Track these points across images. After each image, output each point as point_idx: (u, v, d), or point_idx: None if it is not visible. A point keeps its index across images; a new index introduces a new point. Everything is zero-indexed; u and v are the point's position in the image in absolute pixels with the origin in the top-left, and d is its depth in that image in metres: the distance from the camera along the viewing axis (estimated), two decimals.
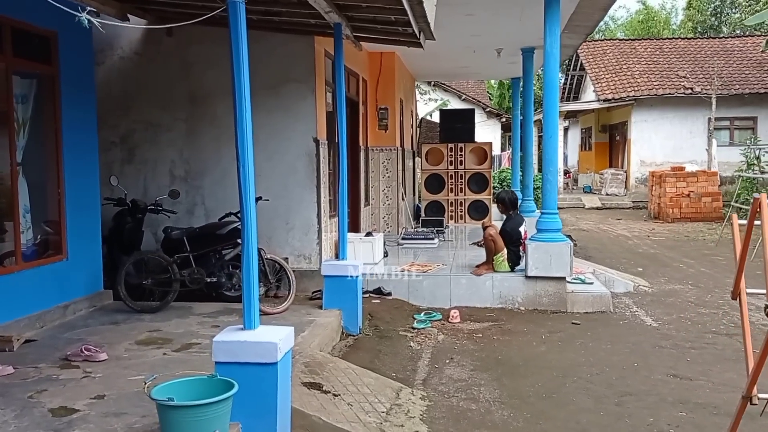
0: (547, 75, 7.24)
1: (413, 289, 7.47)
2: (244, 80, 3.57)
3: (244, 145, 3.55)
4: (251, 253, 3.54)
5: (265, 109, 7.63)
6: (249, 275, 3.54)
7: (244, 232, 3.57)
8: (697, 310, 7.26)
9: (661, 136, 21.59)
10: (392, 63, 10.95)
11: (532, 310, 7.22)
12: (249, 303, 3.54)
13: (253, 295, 3.55)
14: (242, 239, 3.58)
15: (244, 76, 3.57)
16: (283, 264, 6.44)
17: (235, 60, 3.55)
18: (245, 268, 3.55)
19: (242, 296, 3.58)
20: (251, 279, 3.54)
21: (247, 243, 3.54)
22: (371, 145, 10.94)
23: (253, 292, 3.55)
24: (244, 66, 3.57)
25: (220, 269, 6.94)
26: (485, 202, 13.13)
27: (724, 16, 40.48)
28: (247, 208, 3.54)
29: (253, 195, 3.61)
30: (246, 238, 3.55)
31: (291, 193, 7.70)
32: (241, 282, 3.59)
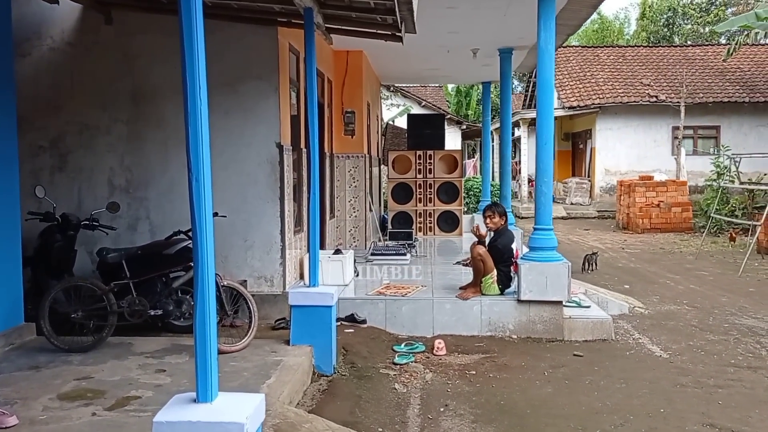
0: (542, 74, 6.46)
1: (391, 315, 6.57)
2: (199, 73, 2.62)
3: (198, 153, 2.62)
4: (206, 297, 2.58)
5: (222, 110, 6.67)
6: (204, 328, 2.58)
7: (198, 264, 2.62)
8: (705, 337, 6.56)
9: (626, 145, 21.26)
10: (359, 62, 10.07)
11: (525, 338, 6.40)
12: (205, 366, 2.58)
13: (210, 355, 2.59)
14: (196, 274, 2.63)
15: (199, 67, 2.62)
16: (243, 292, 5.46)
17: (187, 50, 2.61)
18: (199, 317, 2.59)
19: (195, 353, 2.62)
20: (207, 334, 2.59)
21: (202, 282, 2.59)
22: (337, 152, 10.03)
23: (210, 349, 2.60)
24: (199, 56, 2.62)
25: (168, 296, 5.93)
26: (455, 213, 12.36)
27: (677, 27, 41.06)
28: (201, 231, 2.59)
29: (210, 215, 2.66)
30: (200, 272, 2.60)
31: (250, 206, 6.73)
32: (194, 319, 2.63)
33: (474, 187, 18.98)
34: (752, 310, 7.74)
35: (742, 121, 20.78)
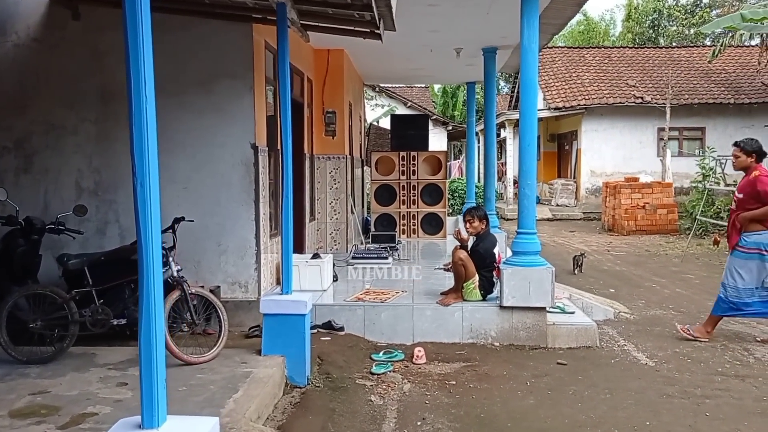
0: (525, 73, 6.27)
1: (369, 322, 6.36)
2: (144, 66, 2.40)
3: (144, 155, 2.39)
4: (152, 313, 2.36)
5: (195, 110, 6.44)
6: (150, 347, 2.36)
7: (143, 279, 2.40)
8: (692, 343, 6.39)
9: (612, 146, 21.18)
10: (340, 61, 9.85)
11: (507, 345, 6.21)
12: (150, 389, 2.35)
13: (157, 377, 2.37)
14: (141, 289, 2.41)
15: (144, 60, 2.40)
16: (212, 299, 5.22)
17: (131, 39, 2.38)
18: (144, 336, 2.37)
19: (140, 375, 2.39)
20: (153, 354, 2.36)
21: (148, 298, 2.36)
22: (317, 153, 9.80)
23: (156, 370, 2.37)
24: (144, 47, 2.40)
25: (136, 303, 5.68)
26: (439, 215, 12.16)
27: (662, 29, 41.22)
28: (147, 243, 2.37)
29: (156, 227, 2.43)
30: (146, 288, 2.37)
31: (224, 209, 6.49)
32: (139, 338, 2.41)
33: (459, 188, 18.82)
34: None
35: (727, 122, 20.75)
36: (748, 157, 6.25)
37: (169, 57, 6.39)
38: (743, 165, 6.29)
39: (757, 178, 6.14)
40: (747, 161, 6.26)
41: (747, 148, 6.26)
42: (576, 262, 10.64)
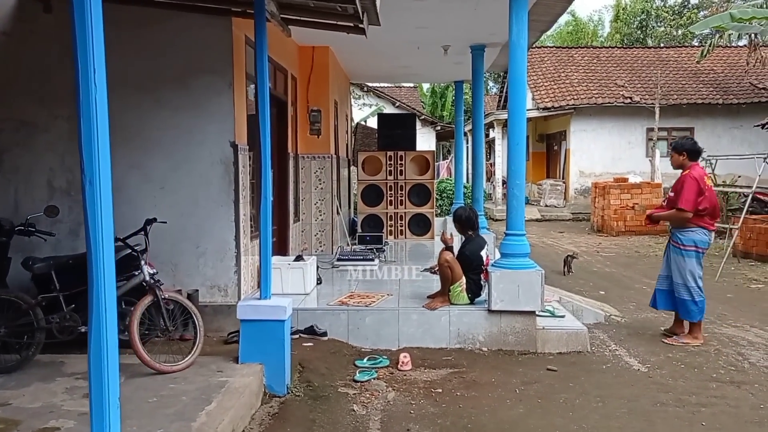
0: (514, 70, 6.08)
1: (354, 326, 6.14)
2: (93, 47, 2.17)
3: (93, 149, 2.15)
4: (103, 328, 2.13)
5: (172, 107, 6.20)
6: (101, 365, 2.13)
7: (93, 290, 2.17)
8: (685, 348, 6.22)
9: (601, 146, 21.08)
10: (326, 59, 9.62)
11: (496, 350, 6.01)
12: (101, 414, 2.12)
13: (109, 399, 2.14)
14: (90, 301, 2.18)
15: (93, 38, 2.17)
16: (187, 304, 4.98)
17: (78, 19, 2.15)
18: (94, 353, 2.14)
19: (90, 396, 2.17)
20: (104, 373, 2.13)
21: (98, 311, 2.14)
22: (302, 152, 9.57)
23: (109, 391, 2.15)
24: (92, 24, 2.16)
25: None
26: (427, 215, 11.96)
27: (650, 30, 41.30)
28: (96, 248, 2.14)
29: (108, 230, 2.20)
30: (95, 300, 2.14)
31: (202, 209, 6.25)
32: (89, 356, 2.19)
33: (447, 189, 18.65)
34: (731, 318, 7.45)
35: (716, 123, 20.70)
36: (680, 155, 6.43)
37: (144, 52, 6.17)
38: (678, 163, 6.48)
39: (685, 176, 6.31)
40: (680, 160, 6.44)
41: (678, 147, 6.48)
42: (566, 263, 10.48)
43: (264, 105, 4.78)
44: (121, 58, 6.16)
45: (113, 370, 2.17)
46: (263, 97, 4.78)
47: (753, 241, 11.77)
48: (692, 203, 6.19)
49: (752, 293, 8.98)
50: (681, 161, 6.44)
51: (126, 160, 6.22)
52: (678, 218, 6.33)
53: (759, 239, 11.65)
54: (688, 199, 6.19)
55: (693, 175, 6.28)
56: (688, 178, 6.27)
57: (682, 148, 6.43)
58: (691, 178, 6.25)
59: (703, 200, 6.23)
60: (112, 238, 2.22)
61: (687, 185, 6.23)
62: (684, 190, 6.22)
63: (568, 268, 10.43)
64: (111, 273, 2.19)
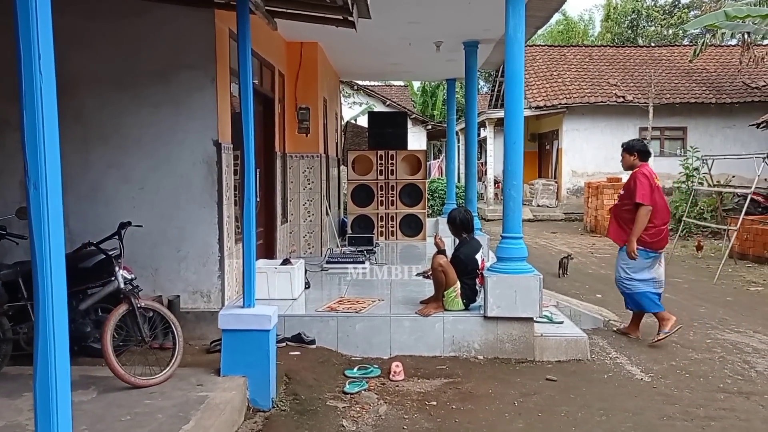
0: (511, 65, 5.81)
1: (343, 334, 5.86)
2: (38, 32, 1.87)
3: (38, 150, 1.85)
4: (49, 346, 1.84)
5: (151, 104, 5.90)
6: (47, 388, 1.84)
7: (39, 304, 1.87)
8: (688, 355, 5.98)
9: (593, 146, 20.88)
10: (314, 55, 9.33)
11: (492, 359, 5.75)
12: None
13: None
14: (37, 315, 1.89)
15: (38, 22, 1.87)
16: (165, 313, 4.68)
17: None
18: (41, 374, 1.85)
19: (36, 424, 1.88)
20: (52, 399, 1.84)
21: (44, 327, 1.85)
22: (290, 152, 9.27)
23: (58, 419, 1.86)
24: None
25: (84, 316, 5.15)
26: (419, 216, 11.69)
27: (641, 29, 41.24)
28: (43, 258, 1.85)
29: (57, 238, 1.91)
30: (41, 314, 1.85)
31: (184, 211, 5.95)
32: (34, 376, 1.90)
33: (439, 188, 18.38)
34: (733, 323, 7.22)
35: (709, 122, 20.56)
36: (631, 156, 6.53)
37: (122, 46, 5.87)
38: (628, 164, 6.57)
39: (635, 174, 6.43)
40: (631, 160, 6.55)
41: (629, 148, 6.58)
42: (561, 265, 10.25)
43: (247, 101, 4.50)
44: (98, 52, 5.87)
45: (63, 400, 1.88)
46: (247, 93, 4.50)
47: (750, 242, 11.58)
48: (648, 197, 6.28)
49: (752, 296, 8.76)
50: (632, 162, 6.53)
51: (103, 160, 5.93)
52: (643, 218, 6.30)
53: (756, 240, 11.46)
54: (643, 194, 6.28)
55: (643, 171, 6.41)
56: (639, 174, 6.39)
57: (633, 149, 6.54)
58: (641, 175, 6.38)
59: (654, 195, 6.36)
60: (61, 250, 1.93)
61: (639, 182, 6.33)
62: (637, 187, 6.32)
63: (564, 270, 10.20)
64: (61, 290, 1.90)
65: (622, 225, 6.58)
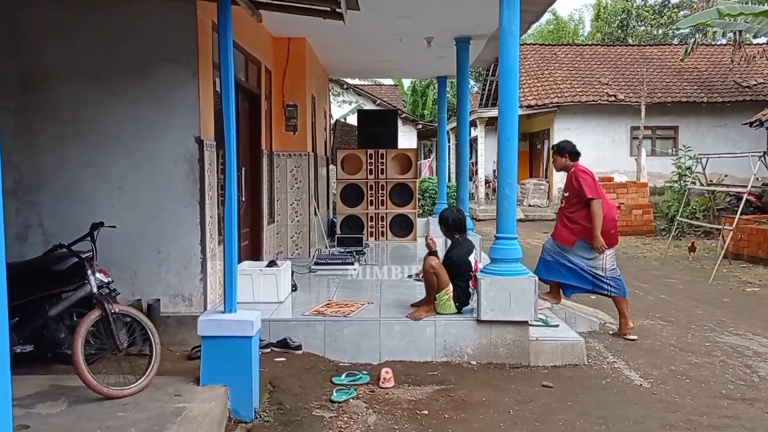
0: (505, 59, 5.60)
1: (331, 338, 5.63)
2: None
3: None
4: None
5: (130, 99, 5.66)
6: None
7: None
8: (688, 359, 5.79)
9: (584, 145, 20.36)
10: (302, 51, 9.09)
11: (486, 364, 5.53)
12: None
13: None
14: None
15: None
16: (141, 319, 4.43)
17: None
18: None
19: None
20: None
21: None
22: (277, 150, 9.02)
23: None
24: None
25: (58, 321, 4.91)
26: (410, 216, 11.46)
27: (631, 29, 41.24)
28: None
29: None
30: None
31: (165, 211, 5.71)
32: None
33: (429, 188, 18.17)
34: (732, 325, 7.04)
35: (700, 121, 20.48)
36: (562, 157, 6.64)
37: (99, 39, 5.63)
38: (562, 165, 6.67)
39: (573, 174, 6.54)
40: (563, 162, 6.65)
41: (561, 151, 6.68)
42: None
43: (228, 94, 4.26)
44: (74, 45, 5.62)
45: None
46: (228, 87, 4.27)
47: (744, 242, 11.44)
48: (596, 191, 6.42)
49: (749, 297, 8.60)
50: (564, 163, 6.64)
51: (80, 158, 5.68)
52: (599, 211, 6.37)
53: (750, 240, 11.32)
54: (590, 188, 6.40)
55: (582, 169, 6.58)
56: (579, 172, 6.52)
57: (563, 151, 6.65)
58: (581, 172, 6.52)
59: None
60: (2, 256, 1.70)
61: (582, 179, 6.45)
62: (582, 184, 6.42)
63: None
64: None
65: (568, 226, 6.61)
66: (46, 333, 4.92)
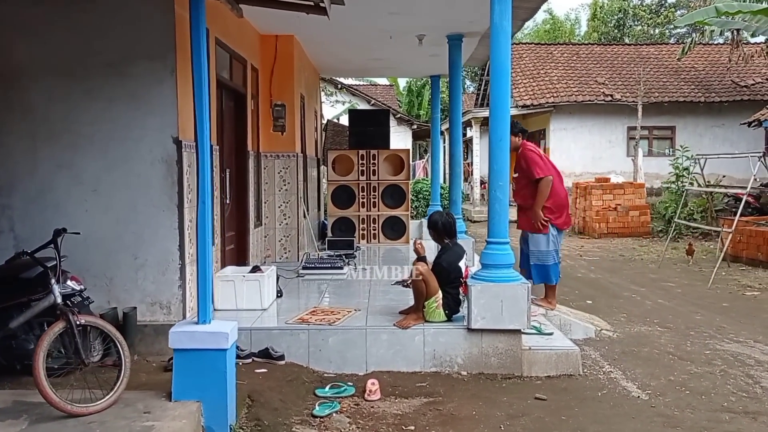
0: (496, 56, 5.37)
1: (315, 348, 5.39)
2: None
3: None
4: None
5: (105, 97, 5.42)
6: None
7: None
8: (687, 369, 5.56)
9: (581, 146, 20.51)
10: (290, 49, 8.84)
11: (476, 374, 5.30)
12: None
13: None
14: None
15: None
16: (110, 331, 4.17)
17: None
18: None
19: None
20: None
21: None
22: (264, 151, 8.78)
23: None
24: None
25: (27, 332, 4.67)
26: (402, 218, 11.24)
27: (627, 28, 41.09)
28: None
29: None
30: None
31: (142, 215, 5.46)
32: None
33: (423, 189, 17.93)
34: (732, 331, 6.82)
35: (698, 121, 20.25)
36: (516, 137, 6.52)
37: (73, 34, 5.38)
38: (515, 145, 6.54)
39: (522, 153, 6.64)
40: (516, 141, 6.60)
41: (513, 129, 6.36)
42: None
43: (201, 90, 4.02)
44: (46, 41, 5.37)
45: None
46: (201, 80, 4.03)
47: (743, 244, 11.22)
48: (544, 169, 6.52)
49: (748, 302, 8.38)
50: (516, 142, 6.59)
51: (52, 160, 5.43)
52: (546, 189, 6.50)
53: (749, 242, 11.10)
54: (538, 167, 6.50)
55: (529, 148, 6.68)
56: (527, 152, 6.62)
57: (515, 128, 6.48)
58: (529, 151, 6.63)
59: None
60: None
61: (530, 158, 6.56)
62: (530, 163, 6.53)
63: None
64: None
65: (528, 212, 6.73)
66: (14, 344, 4.68)
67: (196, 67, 4.05)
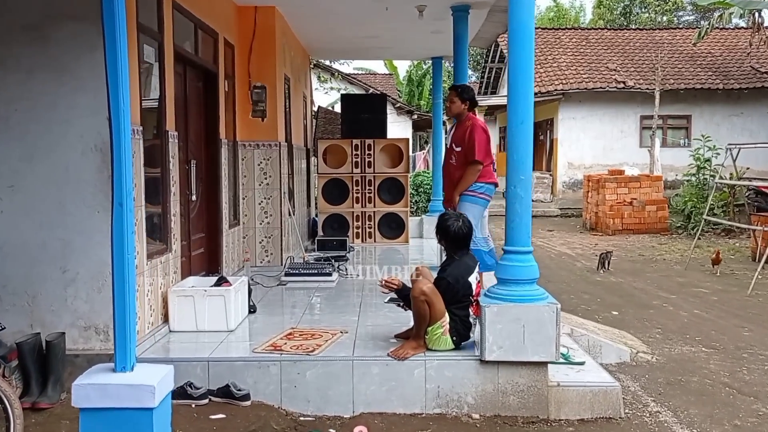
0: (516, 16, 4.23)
1: (289, 384, 4.29)
2: None
3: None
4: None
5: (22, 68, 4.34)
6: None
7: None
8: (753, 408, 4.47)
9: (591, 136, 19.39)
10: (271, 22, 7.69)
11: (491, 417, 4.21)
12: None
13: None
14: None
15: None
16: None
17: None
18: None
19: None
20: None
21: None
22: (242, 139, 7.64)
23: None
24: None
25: None
26: (401, 215, 10.13)
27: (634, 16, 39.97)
28: None
29: None
30: None
31: (72, 217, 4.36)
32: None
33: (424, 183, 16.74)
34: None
35: (715, 110, 19.11)
36: (463, 103, 6.03)
37: None
38: (458, 111, 6.07)
39: (471, 126, 5.88)
40: (461, 107, 6.04)
41: (464, 95, 6.06)
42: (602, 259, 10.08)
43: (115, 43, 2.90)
44: None
45: None
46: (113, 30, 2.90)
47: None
48: (485, 154, 5.87)
49: None
50: (462, 109, 6.04)
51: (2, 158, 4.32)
52: (474, 176, 5.85)
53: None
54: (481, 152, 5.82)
55: (481, 125, 5.94)
56: (478, 128, 5.88)
57: (465, 95, 6.05)
58: (480, 129, 5.88)
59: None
60: None
61: (478, 136, 5.83)
62: (476, 144, 5.81)
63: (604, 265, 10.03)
64: None
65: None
66: None
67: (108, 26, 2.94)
